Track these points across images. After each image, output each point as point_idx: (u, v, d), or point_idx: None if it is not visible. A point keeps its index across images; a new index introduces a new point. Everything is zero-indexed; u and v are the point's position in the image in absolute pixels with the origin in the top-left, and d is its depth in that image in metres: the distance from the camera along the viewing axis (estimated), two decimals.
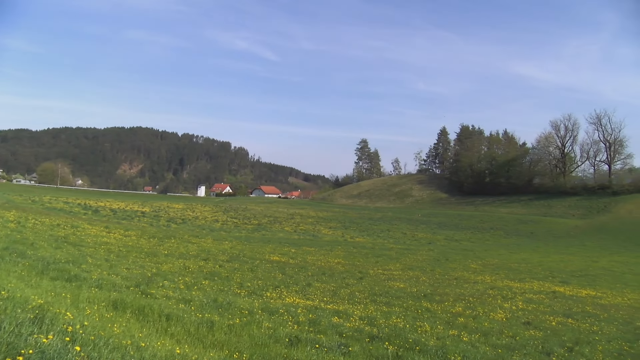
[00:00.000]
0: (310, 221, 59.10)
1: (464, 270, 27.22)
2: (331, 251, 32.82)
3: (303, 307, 12.07)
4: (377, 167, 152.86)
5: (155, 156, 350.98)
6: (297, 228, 51.51)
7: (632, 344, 11.64)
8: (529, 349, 9.95)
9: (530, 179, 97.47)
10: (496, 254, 38.88)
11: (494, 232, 58.74)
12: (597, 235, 56.90)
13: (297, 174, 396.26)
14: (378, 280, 20.09)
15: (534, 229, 62.43)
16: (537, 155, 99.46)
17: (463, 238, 52.90)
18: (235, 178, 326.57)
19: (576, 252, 43.20)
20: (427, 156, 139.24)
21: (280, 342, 8.11)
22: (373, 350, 8.32)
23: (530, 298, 18.32)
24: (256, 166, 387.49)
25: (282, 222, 55.82)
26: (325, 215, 68.32)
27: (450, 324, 11.97)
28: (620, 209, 73.66)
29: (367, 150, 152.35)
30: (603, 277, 28.06)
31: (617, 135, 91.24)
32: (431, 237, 51.66)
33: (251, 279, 16.65)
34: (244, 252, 27.00)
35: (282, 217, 60.90)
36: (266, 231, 46.95)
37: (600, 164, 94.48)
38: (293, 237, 44.18)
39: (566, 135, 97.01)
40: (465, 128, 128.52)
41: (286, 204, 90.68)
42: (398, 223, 63.30)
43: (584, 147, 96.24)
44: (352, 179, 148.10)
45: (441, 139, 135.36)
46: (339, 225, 57.48)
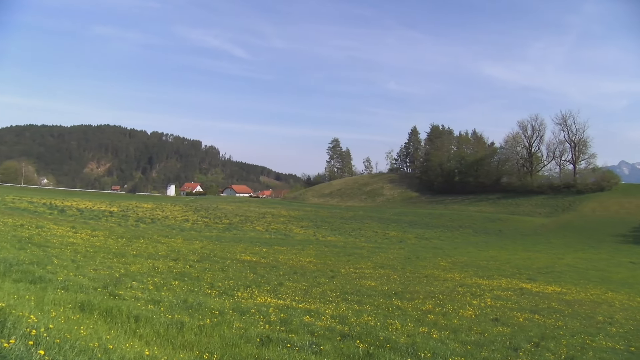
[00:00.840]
0: (281, 220, 58.94)
1: (434, 268, 27.56)
2: (303, 250, 32.80)
3: (274, 306, 12.03)
4: (349, 166, 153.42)
5: (123, 155, 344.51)
6: (269, 227, 51.30)
7: (593, 337, 12.01)
8: (497, 345, 10.15)
9: (498, 178, 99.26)
10: (465, 252, 39.50)
11: (463, 231, 59.61)
12: (562, 233, 58.40)
13: (268, 173, 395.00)
14: (349, 279, 20.18)
15: (501, 227, 63.63)
16: (505, 155, 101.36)
17: (433, 236, 53.53)
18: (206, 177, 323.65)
19: (542, 250, 44.24)
20: (398, 155, 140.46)
21: (252, 342, 8.07)
22: (344, 348, 8.35)
23: (498, 295, 18.68)
24: (227, 165, 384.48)
25: (254, 221, 55.51)
26: (297, 214, 68.24)
27: (420, 322, 12.11)
28: (584, 207, 75.74)
29: (338, 150, 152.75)
30: (568, 274, 28.82)
31: (582, 135, 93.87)
32: (402, 236, 52.11)
33: (222, 279, 16.51)
34: (215, 251, 26.75)
35: (253, 216, 60.56)
36: (237, 230, 46.61)
37: (566, 164, 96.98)
38: (264, 236, 43.99)
39: (533, 136, 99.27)
40: (436, 128, 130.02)
41: (258, 203, 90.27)
42: (369, 222, 63.65)
43: (550, 147, 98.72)
44: (323, 178, 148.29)
45: (412, 139, 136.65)
46: (311, 224, 57.47)
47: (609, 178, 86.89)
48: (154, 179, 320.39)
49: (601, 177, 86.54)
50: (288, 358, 7.46)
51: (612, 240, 52.99)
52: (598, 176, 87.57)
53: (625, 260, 38.35)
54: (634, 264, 36.33)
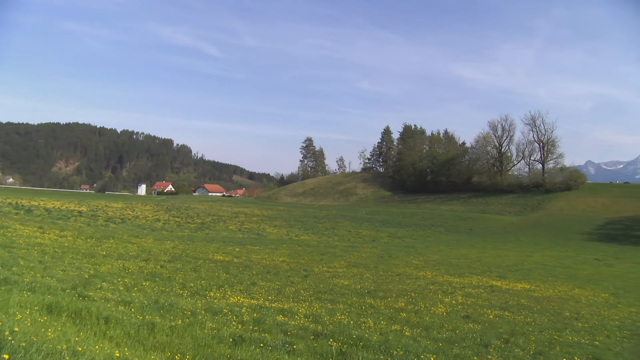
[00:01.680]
0: (254, 220, 58.67)
1: (406, 266, 27.80)
2: (276, 250, 32.71)
3: (247, 306, 11.98)
4: (322, 165, 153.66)
5: (92, 153, 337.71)
6: (242, 227, 51.00)
7: (561, 332, 12.30)
8: (468, 342, 10.29)
9: (469, 177, 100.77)
10: (437, 250, 39.97)
11: (434, 229, 60.31)
12: (531, 231, 59.61)
13: (241, 172, 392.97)
14: (323, 278, 20.21)
15: (472, 225, 64.60)
16: (476, 155, 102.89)
17: (405, 235, 54.01)
18: (178, 176, 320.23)
19: (512, 248, 45.08)
20: (371, 155, 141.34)
21: (224, 342, 8.02)
22: (317, 347, 8.36)
23: (469, 292, 18.95)
24: (199, 164, 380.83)
25: (226, 220, 55.11)
26: (270, 213, 68.03)
27: (393, 319, 12.20)
28: (553, 206, 77.48)
29: (312, 149, 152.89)
30: (536, 271, 29.43)
31: (550, 135, 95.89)
32: (375, 235, 52.43)
33: (194, 279, 16.35)
34: (187, 251, 26.47)
35: (226, 215, 60.13)
36: (210, 230, 46.21)
37: (535, 163, 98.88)
38: (237, 236, 43.71)
39: (503, 136, 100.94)
40: (408, 127, 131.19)
41: (230, 203, 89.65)
42: (342, 221, 63.87)
43: (519, 146, 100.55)
44: (297, 177, 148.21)
45: (385, 138, 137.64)
46: (284, 223, 57.37)
47: (576, 177, 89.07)
48: (125, 178, 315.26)
49: (568, 177, 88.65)
50: (261, 358, 7.44)
51: (578, 238, 54.36)
52: (566, 176, 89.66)
53: (591, 257, 39.40)
54: (599, 261, 37.34)
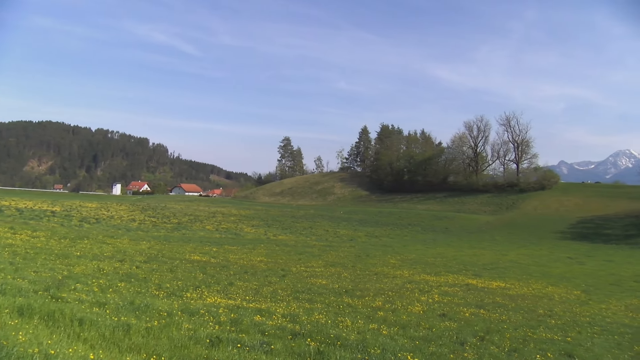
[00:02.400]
0: (232, 219, 58.32)
1: (383, 265, 27.96)
2: (253, 249, 32.57)
3: (225, 306, 11.91)
4: (300, 165, 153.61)
5: (66, 152, 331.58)
6: (219, 226, 50.66)
7: (534, 330, 12.53)
8: (445, 340, 10.40)
9: (446, 177, 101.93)
10: (414, 249, 40.29)
11: (411, 228, 60.78)
12: (506, 230, 60.54)
13: (219, 171, 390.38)
14: (300, 278, 20.20)
15: (448, 224, 65.30)
16: (452, 155, 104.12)
17: (383, 234, 54.32)
18: (154, 176, 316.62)
19: (487, 247, 45.71)
20: (348, 154, 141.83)
21: (201, 343, 7.96)
22: (295, 347, 8.36)
23: (445, 291, 19.15)
24: (176, 163, 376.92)
25: (203, 220, 54.67)
26: (248, 213, 67.71)
27: (370, 318, 12.26)
28: (527, 205, 78.81)
29: (290, 148, 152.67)
30: (511, 269, 29.90)
31: (524, 136, 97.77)
32: (352, 234, 52.61)
33: (170, 280, 16.18)
34: (163, 252, 26.18)
35: (203, 215, 59.64)
36: (186, 230, 45.78)
37: (509, 163, 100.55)
38: (214, 235, 43.40)
39: (478, 136, 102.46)
40: (385, 127, 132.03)
41: (207, 202, 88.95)
42: (320, 220, 63.91)
43: (494, 147, 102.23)
44: (274, 176, 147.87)
45: (362, 138, 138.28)
46: (262, 223, 57.16)
47: (549, 177, 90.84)
48: (99, 178, 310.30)
49: (542, 177, 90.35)
50: (238, 358, 7.41)
51: (552, 237, 55.41)
52: (539, 175, 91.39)
53: (564, 255, 40.19)
54: (572, 259, 38.12)
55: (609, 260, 38.37)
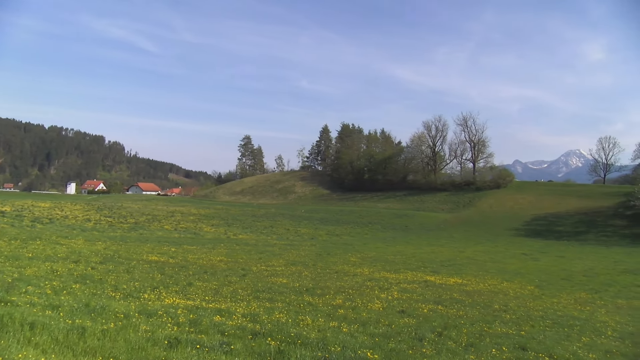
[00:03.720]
0: (191, 219, 57.52)
1: (344, 263, 28.13)
2: (213, 249, 32.22)
3: (183, 307, 11.73)
4: (261, 163, 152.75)
5: (17, 150, 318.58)
6: (178, 226, 49.89)
7: (490, 324, 12.87)
8: (404, 336, 10.55)
9: (405, 175, 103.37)
10: (374, 247, 40.70)
11: (372, 227, 61.38)
12: (463, 228, 61.94)
13: (177, 170, 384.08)
14: (261, 277, 20.09)
15: (408, 222, 66.31)
16: (411, 154, 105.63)
17: (343, 233, 54.66)
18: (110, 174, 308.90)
19: (445, 244, 46.63)
20: (309, 153, 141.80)
21: (159, 345, 7.83)
22: (255, 346, 8.32)
23: (404, 288, 19.42)
24: (133, 162, 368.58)
25: (162, 220, 53.71)
26: (207, 212, 66.91)
27: (331, 316, 12.31)
28: (483, 204, 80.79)
29: (250, 147, 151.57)
30: (468, 266, 30.60)
31: (481, 136, 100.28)
32: (313, 233, 52.73)
33: (127, 281, 15.81)
34: (120, 252, 25.56)
35: (161, 215, 58.58)
36: (144, 230, 44.87)
37: (466, 162, 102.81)
38: (173, 235, 42.70)
39: (437, 135, 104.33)
40: (346, 126, 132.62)
41: (166, 202, 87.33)
42: (281, 219, 63.79)
43: (452, 146, 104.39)
44: (235, 175, 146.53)
45: (323, 137, 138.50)
46: (222, 222, 56.61)
47: (504, 176, 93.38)
48: (53, 177, 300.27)
49: (498, 175, 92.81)
50: (197, 359, 7.32)
51: (507, 234, 57.08)
52: (495, 174, 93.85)
53: (518, 252, 41.42)
54: (526, 255, 39.32)
55: (561, 256, 39.80)
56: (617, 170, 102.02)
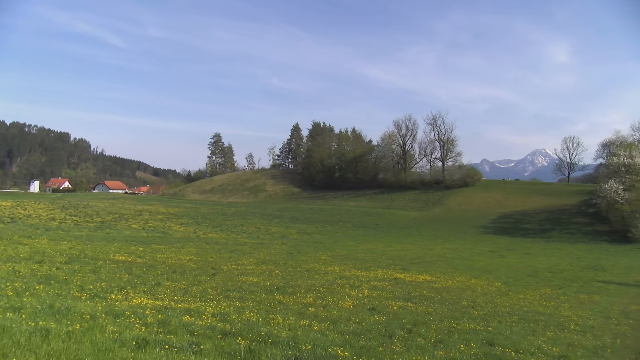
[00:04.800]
0: (160, 217, 56.70)
1: (315, 262, 28.16)
2: (182, 248, 31.83)
3: (152, 307, 11.55)
4: (231, 161, 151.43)
5: None
6: (146, 225, 49.10)
7: (459, 321, 13.07)
8: (374, 333, 10.62)
9: (376, 174, 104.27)
10: (344, 246, 40.87)
11: (342, 225, 61.61)
12: (432, 226, 62.78)
13: (145, 168, 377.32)
14: (231, 276, 19.94)
15: (378, 221, 66.80)
16: (382, 152, 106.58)
17: (314, 231, 54.71)
18: (75, 172, 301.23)
19: (414, 242, 47.18)
20: (280, 152, 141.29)
21: (127, 346, 7.67)
22: (225, 346, 8.24)
23: (375, 285, 19.56)
24: (99, 159, 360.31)
25: (129, 219, 52.78)
26: (176, 211, 66.05)
27: (301, 315, 12.30)
28: (452, 202, 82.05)
29: (220, 145, 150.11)
30: (437, 263, 31.04)
31: (450, 135, 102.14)
32: (284, 231, 52.63)
33: (94, 281, 15.47)
34: (85, 252, 25.00)
35: (128, 213, 57.54)
36: (111, 229, 44.01)
37: (435, 161, 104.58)
38: (141, 234, 42.00)
39: (407, 134, 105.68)
40: (317, 125, 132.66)
41: (133, 200, 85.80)
42: (252, 218, 63.47)
43: (421, 145, 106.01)
44: (204, 173, 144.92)
45: (294, 135, 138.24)
46: (191, 221, 55.98)
47: (472, 175, 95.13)
48: (15, 175, 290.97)
49: (466, 174, 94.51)
50: None
51: (475, 232, 58.10)
52: (463, 173, 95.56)
53: (486, 249, 42.23)
54: (493, 252, 40.12)
55: (527, 253, 40.76)
56: (580, 169, 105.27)
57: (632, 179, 60.46)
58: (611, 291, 23.65)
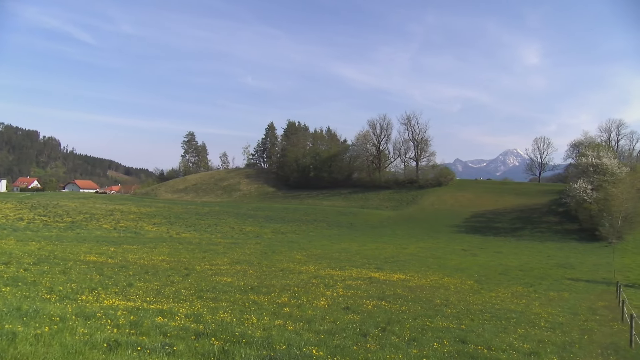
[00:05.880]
0: (132, 217, 55.87)
1: (289, 261, 28.13)
2: (155, 248, 31.43)
3: (124, 308, 11.35)
4: (205, 160, 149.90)
5: None
6: (117, 225, 48.32)
7: (432, 319, 13.21)
8: (348, 332, 10.65)
9: (350, 173, 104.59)
10: (319, 245, 40.93)
11: (317, 224, 61.66)
12: (406, 225, 63.27)
13: (117, 167, 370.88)
14: (205, 276, 19.79)
15: (353, 220, 67.04)
16: (356, 152, 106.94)
17: (289, 230, 54.64)
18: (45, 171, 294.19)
19: (389, 241, 47.51)
20: (255, 151, 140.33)
21: (98, 348, 7.52)
22: (199, 347, 8.15)
23: (349, 284, 19.64)
24: (70, 158, 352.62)
25: (100, 219, 51.87)
26: (149, 210, 65.18)
27: (276, 315, 12.27)
28: (425, 201, 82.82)
29: (194, 144, 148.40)
30: (411, 262, 31.33)
31: (423, 135, 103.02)
32: (259, 231, 52.42)
33: (63, 282, 15.15)
34: (55, 253, 24.48)
35: (99, 213, 56.55)
36: (81, 229, 43.18)
37: (409, 161, 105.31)
38: (112, 234, 41.33)
39: (381, 134, 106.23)
40: (292, 124, 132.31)
41: (105, 200, 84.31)
42: (226, 217, 63.04)
43: (396, 145, 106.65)
44: (178, 172, 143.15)
45: (269, 134, 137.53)
46: (164, 221, 55.32)
47: (445, 174, 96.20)
48: None
49: (439, 174, 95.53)
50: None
51: (448, 231, 58.75)
52: (436, 172, 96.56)
53: (458, 248, 42.77)
54: (465, 251, 40.66)
55: (498, 251, 41.43)
56: (550, 169, 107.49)
57: (599, 179, 62.06)
58: (579, 288, 24.27)
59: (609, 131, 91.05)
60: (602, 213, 53.99)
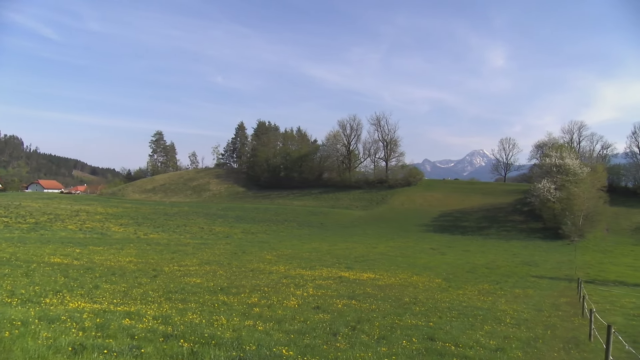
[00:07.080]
0: (98, 218, 54.75)
1: (259, 261, 28.03)
2: (122, 249, 30.87)
3: (89, 311, 11.11)
4: (174, 160, 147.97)
5: None
6: (83, 226, 47.28)
7: (401, 317, 13.36)
8: (319, 332, 10.67)
9: (321, 173, 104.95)
10: (290, 245, 40.90)
11: (287, 224, 61.61)
12: (376, 224, 63.79)
13: (83, 166, 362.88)
14: (173, 277, 19.54)
15: (323, 220, 67.23)
16: (327, 152, 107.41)
17: (259, 230, 54.42)
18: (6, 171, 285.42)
19: (359, 240, 47.81)
20: (225, 150, 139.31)
21: (62, 352, 7.34)
22: (167, 349, 8.04)
23: (319, 284, 19.69)
24: (33, 158, 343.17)
25: (65, 219, 50.66)
26: (116, 211, 63.98)
27: (246, 315, 12.20)
28: (395, 201, 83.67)
29: (162, 143, 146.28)
30: (380, 261, 31.60)
31: (393, 135, 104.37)
32: (229, 231, 52.05)
33: (26, 285, 14.73)
34: (17, 255, 23.79)
35: (64, 214, 55.22)
36: (45, 230, 42.08)
37: (379, 161, 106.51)
38: (78, 236, 40.41)
39: (351, 134, 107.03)
40: (262, 124, 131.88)
41: (70, 200, 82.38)
42: (195, 218, 62.40)
43: (366, 145, 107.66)
44: (145, 172, 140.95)
45: (239, 134, 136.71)
46: (131, 221, 54.39)
47: (414, 174, 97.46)
48: None
49: (408, 174, 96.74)
50: None
51: (417, 230, 59.51)
52: (406, 172, 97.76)
53: (427, 247, 43.34)
54: (434, 249, 41.23)
55: (466, 250, 42.15)
56: (516, 169, 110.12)
57: (562, 179, 63.85)
58: (543, 285, 24.91)
59: (571, 132, 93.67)
60: (565, 212, 55.59)
